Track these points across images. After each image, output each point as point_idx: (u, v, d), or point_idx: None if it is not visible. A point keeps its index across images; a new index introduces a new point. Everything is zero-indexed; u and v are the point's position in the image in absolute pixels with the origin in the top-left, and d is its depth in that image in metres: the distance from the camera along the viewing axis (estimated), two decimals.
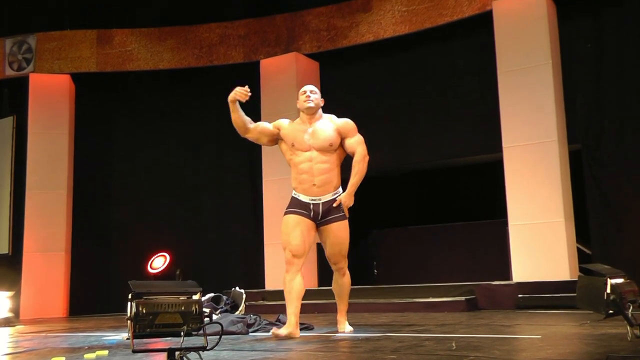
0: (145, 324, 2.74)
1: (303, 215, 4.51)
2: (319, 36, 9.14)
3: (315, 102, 4.64)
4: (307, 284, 8.42)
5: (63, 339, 5.34)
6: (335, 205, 4.51)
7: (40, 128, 9.70)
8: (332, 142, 4.55)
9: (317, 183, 4.51)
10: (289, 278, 4.49)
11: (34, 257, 9.41)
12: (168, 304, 2.79)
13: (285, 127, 4.68)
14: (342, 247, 4.58)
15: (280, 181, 8.68)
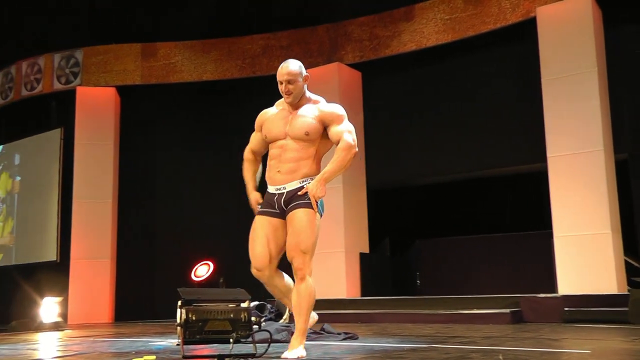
0: (195, 330, 2.78)
1: (269, 215, 3.94)
2: (362, 46, 9.15)
3: (295, 93, 3.98)
4: (350, 293, 8.50)
5: (110, 343, 5.43)
6: (300, 194, 3.82)
7: (86, 139, 9.94)
8: (308, 131, 3.92)
9: (282, 170, 3.92)
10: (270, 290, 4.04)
11: (80, 264, 9.62)
12: (217, 311, 2.83)
13: (264, 123, 4.15)
14: (301, 239, 3.75)
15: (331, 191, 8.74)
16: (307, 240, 3.77)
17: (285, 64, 3.99)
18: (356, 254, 8.74)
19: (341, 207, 8.64)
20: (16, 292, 10.38)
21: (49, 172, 10.87)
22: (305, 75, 4.02)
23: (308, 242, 3.78)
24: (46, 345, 5.71)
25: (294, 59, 4.05)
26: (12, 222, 11.57)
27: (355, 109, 9.18)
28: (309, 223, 3.81)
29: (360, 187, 9.09)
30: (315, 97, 4.12)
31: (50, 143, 10.86)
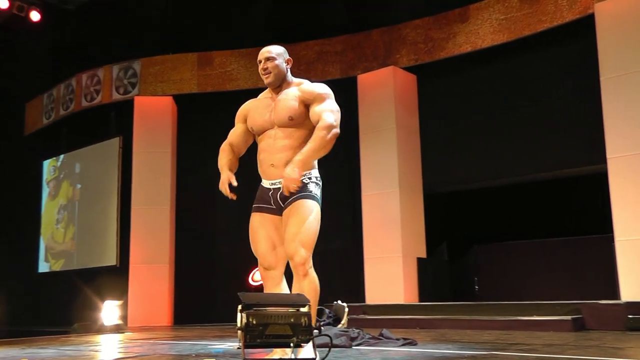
0: (256, 334, 2.79)
1: (266, 211, 3.66)
2: (416, 49, 9.09)
3: (274, 72, 3.70)
4: (408, 298, 8.44)
5: (170, 346, 5.53)
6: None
7: (144, 147, 10.14)
8: (291, 115, 3.61)
9: (275, 162, 3.60)
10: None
11: (139, 269, 9.81)
12: (277, 315, 2.84)
13: (248, 112, 3.85)
14: (300, 231, 3.45)
15: (379, 196, 8.73)
16: (307, 233, 3.47)
17: (268, 46, 3.78)
18: (413, 259, 8.68)
19: (398, 212, 8.60)
20: (77, 296, 10.67)
21: (108, 180, 11.15)
22: (288, 58, 3.81)
23: (308, 235, 3.48)
24: (108, 347, 5.84)
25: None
26: (73, 229, 11.89)
27: (411, 112, 9.13)
28: (308, 214, 3.52)
29: (417, 191, 9.03)
30: (299, 80, 3.85)
31: (110, 151, 11.14)
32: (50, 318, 11.24)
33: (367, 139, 9.05)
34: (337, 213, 9.73)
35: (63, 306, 11.02)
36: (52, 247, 12.36)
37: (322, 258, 9.55)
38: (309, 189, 3.61)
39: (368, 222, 8.90)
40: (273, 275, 3.63)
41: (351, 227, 9.52)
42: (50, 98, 12.27)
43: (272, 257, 3.62)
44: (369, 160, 8.98)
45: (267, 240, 3.62)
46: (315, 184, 3.70)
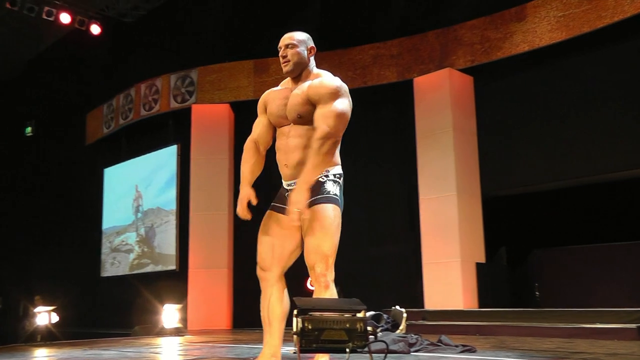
0: (311, 339, 2.78)
1: (279, 210, 3.44)
2: (473, 50, 8.95)
3: (294, 61, 3.43)
4: (467, 304, 8.30)
5: (228, 349, 5.58)
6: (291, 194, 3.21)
7: (202, 154, 10.30)
8: (300, 113, 3.33)
9: (289, 162, 3.37)
10: (262, 298, 3.52)
11: (198, 273, 9.96)
12: (333, 320, 2.81)
13: (268, 102, 3.61)
14: (322, 241, 3.23)
15: (437, 200, 8.61)
16: (329, 242, 3.25)
17: (290, 32, 3.51)
18: (472, 264, 8.53)
19: (456, 216, 8.47)
20: (138, 300, 10.89)
21: (167, 187, 11.37)
22: (311, 46, 3.50)
23: (330, 244, 3.26)
24: (167, 349, 5.93)
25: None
26: (134, 234, 12.17)
27: (468, 114, 8.99)
28: (328, 222, 3.25)
29: (475, 195, 8.87)
30: (317, 71, 3.50)
31: (168, 159, 11.36)
32: (111, 321, 11.51)
33: (424, 143, 8.95)
34: (395, 217, 9.69)
35: (124, 309, 11.26)
36: (113, 251, 12.67)
37: (380, 262, 9.58)
38: (326, 188, 3.30)
39: (426, 226, 8.79)
40: (267, 277, 3.46)
41: (409, 231, 9.43)
42: (110, 108, 12.60)
43: (268, 258, 3.44)
44: (426, 163, 8.88)
45: (268, 240, 3.45)
46: (333, 182, 3.37)
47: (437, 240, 8.61)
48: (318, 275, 3.25)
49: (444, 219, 8.55)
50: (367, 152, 9.97)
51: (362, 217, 9.86)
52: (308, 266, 3.27)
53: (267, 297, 3.43)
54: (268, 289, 3.45)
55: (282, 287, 3.46)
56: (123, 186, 12.59)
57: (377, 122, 9.82)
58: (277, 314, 3.42)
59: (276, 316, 3.42)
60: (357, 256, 9.68)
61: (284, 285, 3.48)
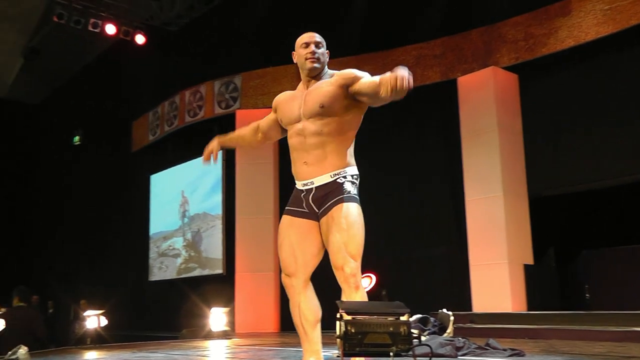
0: (355, 343, 2.76)
1: (295, 214, 3.35)
2: (517, 47, 8.78)
3: (323, 59, 3.42)
4: (516, 306, 8.14)
5: (275, 352, 5.60)
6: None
7: (247, 159, 10.38)
8: (323, 102, 3.26)
9: (309, 160, 3.29)
10: (291, 306, 3.41)
11: (245, 277, 10.04)
12: (376, 324, 2.79)
13: (278, 105, 3.58)
14: (349, 241, 3.16)
15: (483, 200, 8.48)
16: (356, 241, 3.19)
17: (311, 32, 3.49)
18: (520, 266, 8.35)
19: (502, 217, 8.30)
20: (186, 303, 11.02)
21: (213, 192, 11.49)
22: (327, 50, 3.50)
23: (358, 243, 3.19)
24: (214, 352, 5.99)
25: None
26: (180, 239, 12.34)
27: (513, 113, 8.83)
28: (353, 220, 3.19)
29: (522, 195, 8.70)
30: (333, 71, 3.47)
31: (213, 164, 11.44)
32: (159, 324, 11.69)
33: (469, 143, 8.82)
34: (441, 219, 9.58)
35: (172, 313, 11.42)
36: (161, 256, 12.86)
37: (426, 265, 9.49)
38: (345, 189, 3.24)
39: (472, 228, 8.66)
40: (293, 283, 3.35)
41: (455, 233, 9.32)
42: (155, 115, 12.81)
43: (292, 265, 3.34)
44: (472, 164, 8.75)
45: (289, 246, 3.33)
46: (351, 183, 3.30)
47: (484, 242, 8.47)
48: (347, 276, 3.15)
49: (491, 221, 8.40)
50: (412, 154, 9.90)
51: (408, 220, 9.80)
52: (335, 267, 3.19)
53: (297, 305, 3.34)
54: (296, 297, 3.36)
55: (310, 292, 3.38)
56: (169, 192, 12.78)
57: (421, 124, 9.74)
58: (311, 321, 3.33)
59: (310, 323, 3.33)
60: (403, 259, 9.62)
61: (312, 289, 3.40)
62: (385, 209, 9.80)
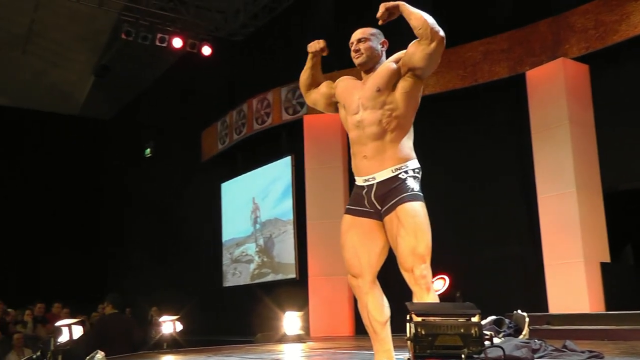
0: (425, 345, 2.73)
1: (357, 213, 3.30)
2: (587, 36, 8.47)
3: (368, 53, 3.40)
4: (594, 307, 7.85)
5: (350, 355, 5.60)
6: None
7: (315, 164, 10.42)
8: (379, 85, 3.26)
9: (369, 153, 3.23)
10: (360, 306, 3.36)
11: (318, 281, 10.07)
12: (447, 325, 2.75)
13: (340, 86, 3.58)
14: (418, 241, 3.11)
15: (555, 197, 8.23)
16: (425, 242, 3.13)
17: (361, 28, 3.48)
18: (596, 264, 8.02)
19: (576, 214, 8.00)
20: (260, 308, 11.16)
21: (283, 197, 11.61)
22: (384, 40, 3.45)
23: (427, 243, 3.14)
24: (289, 356, 6.04)
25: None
26: (253, 245, 12.51)
27: (584, 105, 8.53)
28: (421, 220, 3.14)
29: (596, 191, 8.38)
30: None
31: (283, 170, 11.60)
32: (234, 329, 11.87)
33: (539, 138, 8.59)
34: (513, 217, 9.36)
35: (246, 318, 11.59)
36: (234, 262, 13.06)
37: (499, 265, 9.30)
38: (409, 186, 3.18)
39: (546, 225, 8.39)
40: (359, 284, 3.30)
41: (528, 231, 9.10)
42: (224, 125, 13.04)
43: (357, 265, 3.29)
44: (543, 160, 8.51)
45: (351, 247, 3.29)
46: (413, 178, 3.24)
47: (558, 240, 8.20)
48: (417, 277, 3.11)
49: (564, 218, 8.12)
50: (481, 151, 9.73)
51: (480, 219, 9.63)
52: (404, 269, 3.15)
53: (365, 306, 3.29)
54: (363, 297, 3.30)
55: (377, 292, 3.33)
56: (240, 199, 12.97)
57: (490, 120, 9.56)
58: (380, 321, 3.28)
59: (379, 323, 3.27)
60: (477, 260, 9.44)
61: (379, 288, 3.35)
62: (456, 208, 9.66)
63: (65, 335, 5.73)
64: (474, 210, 9.75)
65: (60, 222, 17.37)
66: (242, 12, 12.76)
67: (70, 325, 5.84)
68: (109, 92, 17.42)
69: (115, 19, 13.07)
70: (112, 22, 13.53)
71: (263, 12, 12.53)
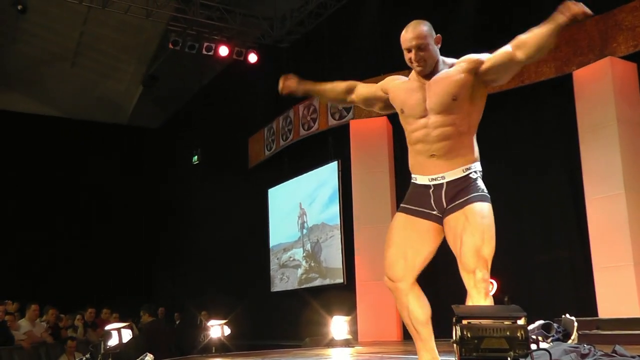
0: (471, 347, 2.74)
1: (415, 214, 3.20)
2: (634, 34, 8.26)
3: (430, 61, 3.18)
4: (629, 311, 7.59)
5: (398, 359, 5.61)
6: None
7: (362, 168, 10.42)
8: (455, 94, 3.09)
9: (437, 152, 3.10)
10: (399, 309, 3.32)
11: (366, 286, 10.06)
12: (492, 328, 2.76)
13: (392, 90, 3.36)
14: (484, 243, 3.04)
15: (604, 199, 8.07)
16: (490, 245, 3.07)
17: (410, 26, 3.21)
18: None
19: (625, 216, 7.78)
20: (308, 313, 11.22)
21: (330, 202, 11.67)
22: (437, 36, 3.23)
23: (491, 248, 3.08)
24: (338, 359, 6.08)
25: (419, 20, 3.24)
26: (301, 250, 12.60)
27: (633, 104, 8.33)
28: (489, 222, 3.08)
29: None
30: (452, 60, 3.26)
31: (329, 175, 11.67)
32: (282, 334, 11.96)
33: (587, 139, 8.43)
34: (561, 220, 9.21)
35: (294, 322, 11.65)
36: (282, 267, 13.17)
37: (548, 269, 9.17)
38: (479, 186, 3.13)
39: (594, 228, 8.21)
40: (398, 287, 3.24)
41: (577, 234, 8.94)
42: (270, 131, 13.18)
43: (399, 269, 3.21)
44: (591, 161, 8.34)
45: (400, 247, 3.21)
46: (481, 180, 3.19)
47: (607, 243, 8.01)
48: (478, 280, 3.04)
49: (613, 220, 7.93)
50: (528, 153, 9.61)
51: (526, 223, 9.51)
52: (465, 270, 3.06)
53: (405, 306, 3.24)
54: (403, 298, 3.24)
55: (417, 291, 3.27)
56: (287, 204, 13.08)
57: (537, 122, 9.44)
58: (422, 321, 3.26)
59: (421, 323, 3.26)
60: (524, 264, 9.33)
61: (418, 287, 3.28)
62: (503, 211, 9.51)
63: (115, 338, 5.91)
64: (521, 213, 9.63)
65: (110, 230, 17.79)
66: (289, 18, 12.88)
67: (119, 329, 6.02)
68: (157, 101, 17.78)
69: (163, 29, 13.33)
70: (159, 32, 13.81)
71: (309, 18, 12.62)
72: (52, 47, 15.04)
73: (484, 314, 2.87)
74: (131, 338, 6.26)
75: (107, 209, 17.95)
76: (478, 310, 2.94)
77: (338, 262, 11.31)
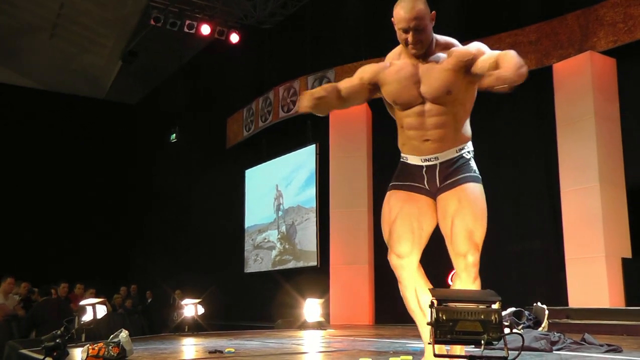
0: (446, 330, 2.78)
1: (413, 189, 3.09)
2: (615, 30, 8.39)
3: (427, 43, 3.00)
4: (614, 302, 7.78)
5: (369, 343, 5.68)
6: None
7: (340, 152, 10.44)
8: (450, 88, 2.97)
9: (432, 137, 3.02)
10: (403, 290, 3.17)
11: (340, 269, 10.12)
12: (467, 311, 2.80)
13: (382, 81, 3.13)
14: (476, 226, 2.97)
15: (579, 191, 8.19)
16: (483, 230, 2.99)
17: (407, 2, 2.94)
18: (618, 259, 7.95)
19: (599, 208, 7.93)
20: (280, 294, 11.27)
21: (307, 185, 11.68)
22: (432, 13, 2.99)
23: (483, 231, 2.99)
24: (309, 342, 6.13)
25: None
26: (275, 232, 12.63)
27: (611, 99, 8.45)
28: (482, 205, 3.01)
29: (619, 185, 8.30)
30: (444, 40, 3.09)
31: (307, 158, 11.67)
32: (255, 315, 12.02)
33: (564, 132, 8.54)
34: (536, 211, 9.34)
35: (267, 304, 11.71)
36: (256, 249, 13.19)
37: (521, 258, 9.29)
38: (472, 167, 3.05)
39: (568, 220, 8.35)
40: (405, 265, 3.10)
41: (551, 225, 9.08)
42: (249, 112, 13.14)
43: (408, 243, 3.07)
44: (567, 153, 8.46)
45: (405, 220, 3.07)
46: (473, 160, 3.11)
47: (580, 235, 8.16)
48: (469, 264, 2.97)
49: (587, 212, 8.07)
50: (506, 143, 9.70)
51: (502, 212, 9.60)
52: (456, 253, 2.99)
53: (412, 289, 3.11)
54: (410, 280, 3.12)
55: (422, 274, 3.15)
56: (264, 186, 13.09)
57: (516, 113, 9.52)
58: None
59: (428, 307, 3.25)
60: (498, 252, 9.44)
61: (422, 270, 3.18)
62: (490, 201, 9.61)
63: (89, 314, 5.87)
64: (496, 203, 9.68)
65: (85, 205, 17.65)
66: (272, 0, 12.80)
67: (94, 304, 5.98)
68: (135, 77, 17.60)
69: (144, 5, 13.19)
70: (140, 8, 13.67)
71: (292, 0, 12.56)
72: (31, 18, 14.80)
73: (459, 297, 2.91)
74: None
75: (82, 184, 17.76)
76: (454, 293, 2.97)
77: (312, 245, 11.36)
